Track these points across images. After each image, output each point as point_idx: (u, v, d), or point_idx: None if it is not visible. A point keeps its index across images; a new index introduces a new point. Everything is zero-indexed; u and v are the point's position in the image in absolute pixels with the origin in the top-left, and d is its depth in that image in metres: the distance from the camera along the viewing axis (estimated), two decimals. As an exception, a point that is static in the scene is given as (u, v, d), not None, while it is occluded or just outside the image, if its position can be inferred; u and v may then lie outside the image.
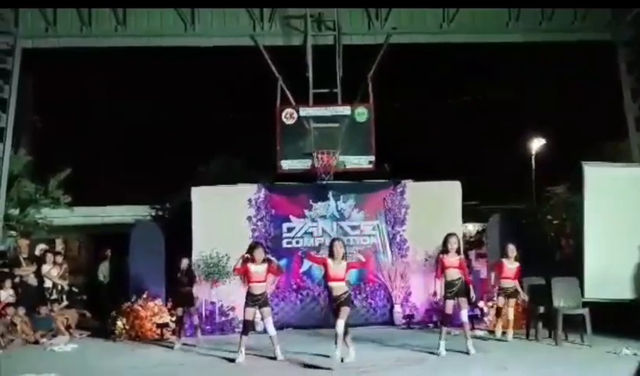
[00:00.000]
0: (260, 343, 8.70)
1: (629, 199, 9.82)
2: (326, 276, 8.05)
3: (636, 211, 9.75)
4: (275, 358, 8.31)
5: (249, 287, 8.40)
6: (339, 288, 7.96)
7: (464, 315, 8.61)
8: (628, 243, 9.70)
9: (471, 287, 8.76)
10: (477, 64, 17.06)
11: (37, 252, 12.93)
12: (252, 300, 8.38)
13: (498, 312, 9.87)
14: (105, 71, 17.56)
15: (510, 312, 9.74)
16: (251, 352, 8.51)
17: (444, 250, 8.71)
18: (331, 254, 8.06)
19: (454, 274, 8.60)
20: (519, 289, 9.81)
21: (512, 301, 9.78)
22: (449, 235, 8.78)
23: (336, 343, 7.71)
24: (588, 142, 14.33)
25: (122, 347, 9.93)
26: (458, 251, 8.76)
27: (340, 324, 7.75)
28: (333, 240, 8.41)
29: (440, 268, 8.70)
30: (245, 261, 8.48)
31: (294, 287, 11.78)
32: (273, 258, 8.90)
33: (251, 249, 8.56)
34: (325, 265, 8.08)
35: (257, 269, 8.41)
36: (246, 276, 8.49)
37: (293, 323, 11.39)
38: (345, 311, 7.87)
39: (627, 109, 13.17)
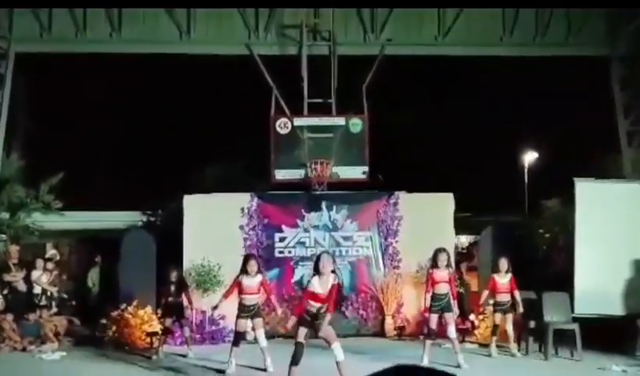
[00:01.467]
0: (251, 354, 8.65)
1: (620, 215, 9.86)
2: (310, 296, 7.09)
3: (627, 227, 9.79)
4: (265, 369, 8.26)
5: (242, 299, 8.36)
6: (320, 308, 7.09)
7: (451, 331, 8.59)
8: (619, 259, 9.74)
9: (455, 302, 8.74)
10: (472, 77, 17.12)
11: (48, 255, 12.99)
12: (244, 311, 8.35)
13: (494, 329, 9.67)
14: (99, 76, 17.50)
15: (509, 328, 9.62)
16: (241, 363, 8.47)
17: (434, 265, 8.71)
18: (317, 270, 7.11)
19: (442, 288, 8.60)
20: (518, 300, 9.55)
21: (510, 316, 9.62)
22: (438, 250, 8.77)
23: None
24: (584, 155, 14.38)
25: (111, 355, 9.85)
26: (448, 266, 8.75)
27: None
28: (321, 254, 7.36)
29: (429, 282, 8.69)
30: (234, 283, 8.46)
31: (285, 297, 11.73)
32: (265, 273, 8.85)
33: (244, 261, 8.53)
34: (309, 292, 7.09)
35: (250, 281, 8.36)
36: (238, 289, 8.43)
37: (284, 333, 11.34)
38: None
39: (620, 124, 13.26)
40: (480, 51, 13.75)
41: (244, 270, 8.37)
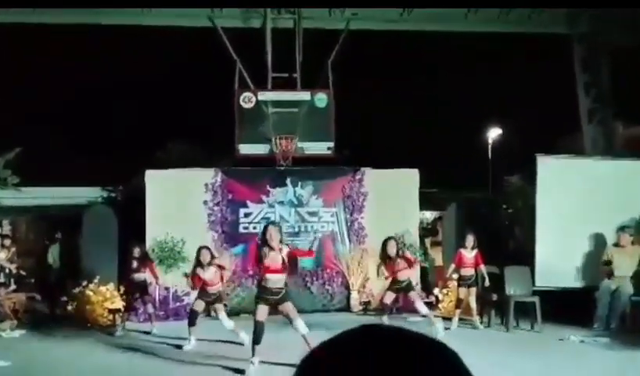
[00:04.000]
0: (223, 329, 8.57)
1: (580, 190, 10.03)
2: (262, 267, 6.89)
3: (586, 203, 9.97)
4: (242, 344, 8.01)
5: (203, 287, 8.30)
6: (277, 281, 6.90)
7: (421, 307, 8.66)
8: (578, 233, 9.93)
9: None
10: (437, 53, 17.15)
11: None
12: (204, 296, 8.30)
13: (458, 303, 9.84)
14: (57, 48, 16.97)
15: (472, 301, 9.81)
16: (206, 338, 8.40)
17: (386, 255, 8.66)
18: (264, 242, 6.84)
19: (402, 275, 8.66)
20: (484, 274, 9.70)
21: (473, 290, 9.81)
22: (387, 240, 8.74)
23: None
24: (546, 131, 14.61)
25: (72, 332, 9.67)
26: (398, 252, 8.70)
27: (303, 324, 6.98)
28: (267, 226, 7.15)
29: (389, 272, 8.67)
30: (193, 272, 8.35)
31: (250, 272, 11.67)
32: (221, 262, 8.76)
33: (197, 255, 8.40)
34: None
35: (206, 273, 8.26)
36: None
37: (249, 310, 11.28)
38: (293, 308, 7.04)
39: (581, 102, 13.47)
40: (445, 27, 13.74)
41: (198, 262, 8.26)
